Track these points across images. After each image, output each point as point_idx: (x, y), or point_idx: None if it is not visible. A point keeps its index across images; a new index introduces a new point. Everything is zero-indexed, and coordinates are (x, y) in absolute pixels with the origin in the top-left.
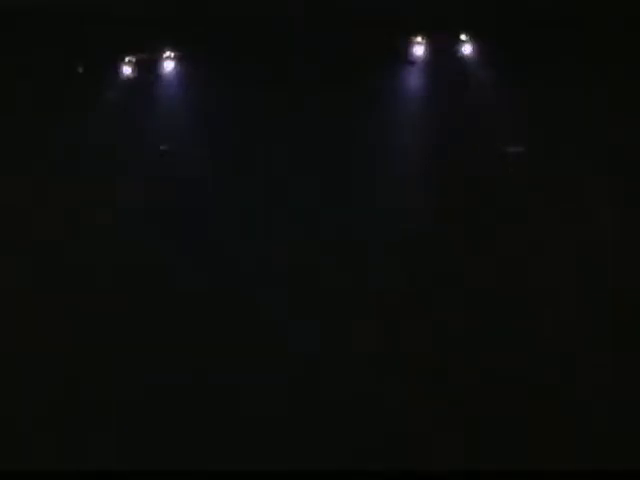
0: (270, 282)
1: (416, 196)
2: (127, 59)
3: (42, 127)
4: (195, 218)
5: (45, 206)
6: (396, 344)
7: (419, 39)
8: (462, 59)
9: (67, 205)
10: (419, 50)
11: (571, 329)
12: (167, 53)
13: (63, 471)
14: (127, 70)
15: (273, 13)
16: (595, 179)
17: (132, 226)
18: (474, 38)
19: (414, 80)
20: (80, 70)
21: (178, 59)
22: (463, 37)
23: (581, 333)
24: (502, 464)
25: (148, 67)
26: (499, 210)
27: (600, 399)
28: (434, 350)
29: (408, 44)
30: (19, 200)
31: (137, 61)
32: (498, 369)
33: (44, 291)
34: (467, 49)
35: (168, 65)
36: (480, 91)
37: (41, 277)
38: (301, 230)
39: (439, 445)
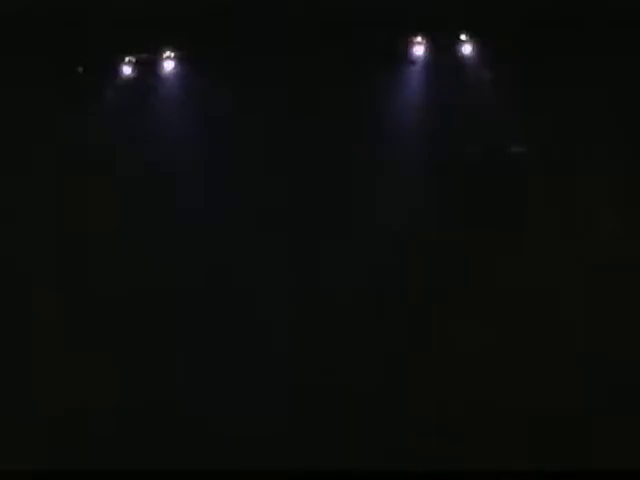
0: (270, 282)
1: (416, 196)
2: (127, 59)
3: (42, 127)
4: (195, 218)
5: (45, 206)
6: (397, 345)
7: (419, 39)
8: (462, 59)
9: (67, 205)
10: (419, 50)
11: (571, 328)
12: (167, 53)
13: (63, 471)
14: (127, 70)
15: (273, 13)
16: (595, 179)
17: (132, 226)
18: (474, 38)
19: (414, 80)
20: (80, 70)
21: (178, 59)
22: (463, 37)
23: (581, 333)
24: (502, 464)
25: (148, 67)
26: (499, 209)
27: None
28: (435, 350)
29: (408, 44)
30: (19, 200)
31: (137, 61)
32: (499, 368)
33: (42, 292)
34: (467, 49)
35: (168, 65)
36: (480, 91)
37: (39, 278)
38: (301, 229)
39: (439, 445)
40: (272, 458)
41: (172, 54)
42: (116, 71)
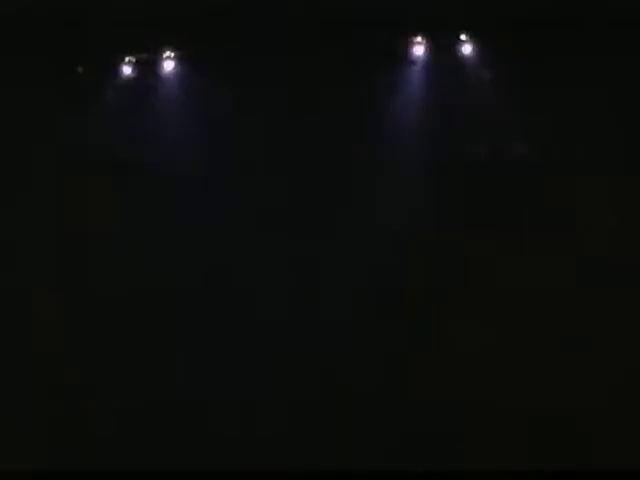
0: (270, 283)
1: (416, 196)
2: (127, 59)
3: (42, 127)
4: (195, 218)
5: (45, 206)
6: (397, 345)
7: (419, 39)
8: (462, 59)
9: (67, 205)
10: (419, 50)
11: (571, 328)
12: (167, 53)
13: (63, 471)
14: (127, 70)
15: (273, 13)
16: (595, 179)
17: (132, 226)
18: (474, 38)
19: (414, 80)
20: (80, 70)
21: (178, 59)
22: (463, 37)
23: (581, 333)
24: (502, 464)
25: (148, 67)
26: (499, 209)
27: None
28: (435, 350)
29: (408, 44)
30: (19, 200)
31: (137, 61)
32: (499, 368)
33: (42, 292)
34: (467, 49)
35: (168, 65)
36: (480, 91)
37: (39, 278)
38: (301, 229)
39: (439, 445)
40: (272, 458)
41: (172, 54)
42: (116, 71)
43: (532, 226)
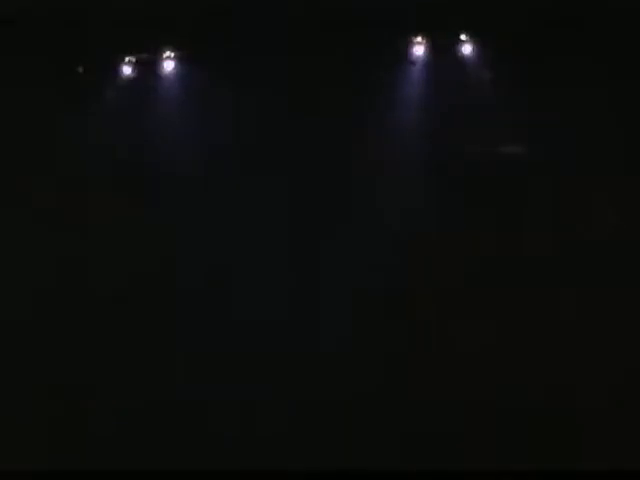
0: (270, 283)
1: (416, 196)
2: (127, 59)
3: (42, 127)
4: (195, 218)
5: (45, 206)
6: (397, 345)
7: (419, 39)
8: (462, 59)
9: (67, 205)
10: (419, 50)
11: (571, 328)
12: (167, 53)
13: (63, 471)
14: (127, 70)
15: (273, 13)
16: (595, 179)
17: (132, 225)
18: (474, 38)
19: (414, 80)
20: (80, 70)
21: (178, 59)
22: (463, 37)
23: (581, 333)
24: (502, 464)
25: (148, 67)
26: (499, 209)
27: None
28: (435, 350)
29: (408, 44)
30: (19, 200)
31: (137, 61)
32: (499, 368)
33: (42, 292)
34: (467, 49)
35: (168, 65)
36: (480, 91)
37: (39, 278)
38: (301, 229)
39: (439, 445)
40: (272, 458)
41: (172, 54)
42: (116, 71)
43: (532, 226)
